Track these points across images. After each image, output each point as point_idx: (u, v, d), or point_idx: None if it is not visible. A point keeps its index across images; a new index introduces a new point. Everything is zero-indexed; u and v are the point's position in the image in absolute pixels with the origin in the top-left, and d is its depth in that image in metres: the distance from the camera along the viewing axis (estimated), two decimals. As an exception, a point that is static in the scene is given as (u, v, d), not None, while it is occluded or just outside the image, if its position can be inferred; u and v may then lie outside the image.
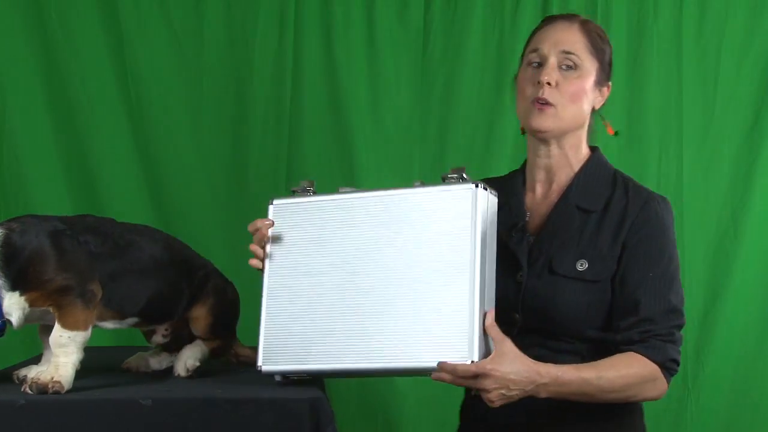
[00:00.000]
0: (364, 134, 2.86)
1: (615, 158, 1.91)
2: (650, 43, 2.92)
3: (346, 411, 2.77)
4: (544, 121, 1.65)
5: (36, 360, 1.69)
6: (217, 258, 2.69)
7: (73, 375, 1.49)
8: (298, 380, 1.57)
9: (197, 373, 1.71)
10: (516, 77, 1.76)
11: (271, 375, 1.58)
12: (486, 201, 1.51)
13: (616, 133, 1.79)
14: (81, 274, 1.53)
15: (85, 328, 1.52)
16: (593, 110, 1.73)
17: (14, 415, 1.37)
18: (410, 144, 2.88)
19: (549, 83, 1.63)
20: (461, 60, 2.88)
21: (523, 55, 1.75)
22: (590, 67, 1.67)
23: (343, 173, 2.84)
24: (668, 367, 1.59)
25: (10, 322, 1.52)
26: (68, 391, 1.46)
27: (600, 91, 1.72)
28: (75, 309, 1.51)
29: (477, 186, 1.50)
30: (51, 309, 1.52)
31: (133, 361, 1.80)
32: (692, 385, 2.87)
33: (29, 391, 1.43)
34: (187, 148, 2.83)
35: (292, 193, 1.64)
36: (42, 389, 1.43)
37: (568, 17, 1.72)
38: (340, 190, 1.60)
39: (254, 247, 1.67)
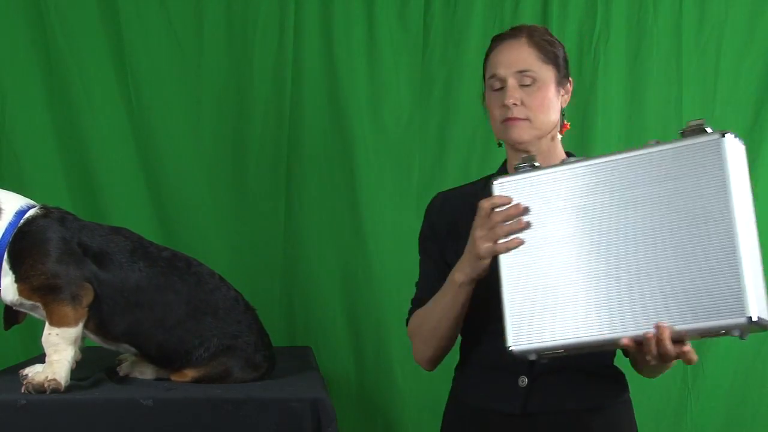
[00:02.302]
0: (364, 134, 2.85)
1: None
2: (650, 43, 2.92)
3: (346, 411, 2.77)
4: (522, 133, 1.74)
5: (42, 359, 1.69)
6: (215, 255, 2.71)
7: (69, 372, 1.49)
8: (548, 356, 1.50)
9: None
10: (483, 99, 1.86)
11: (523, 356, 1.51)
12: (735, 148, 1.44)
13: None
14: (70, 278, 1.53)
15: (75, 324, 1.52)
16: (561, 110, 1.81)
17: (15, 415, 1.37)
18: (410, 144, 2.87)
19: (515, 104, 1.72)
20: (461, 60, 2.88)
21: (484, 79, 1.84)
22: (547, 76, 1.75)
23: (343, 173, 2.83)
24: None
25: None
26: (69, 391, 1.46)
27: (564, 89, 1.80)
28: (61, 306, 1.51)
29: (723, 135, 1.43)
30: (41, 306, 1.53)
31: (126, 362, 1.77)
32: (692, 385, 2.87)
33: (27, 391, 1.43)
34: (186, 148, 2.82)
35: (516, 170, 1.58)
36: (39, 389, 1.43)
37: (514, 33, 1.79)
38: (564, 161, 1.56)
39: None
